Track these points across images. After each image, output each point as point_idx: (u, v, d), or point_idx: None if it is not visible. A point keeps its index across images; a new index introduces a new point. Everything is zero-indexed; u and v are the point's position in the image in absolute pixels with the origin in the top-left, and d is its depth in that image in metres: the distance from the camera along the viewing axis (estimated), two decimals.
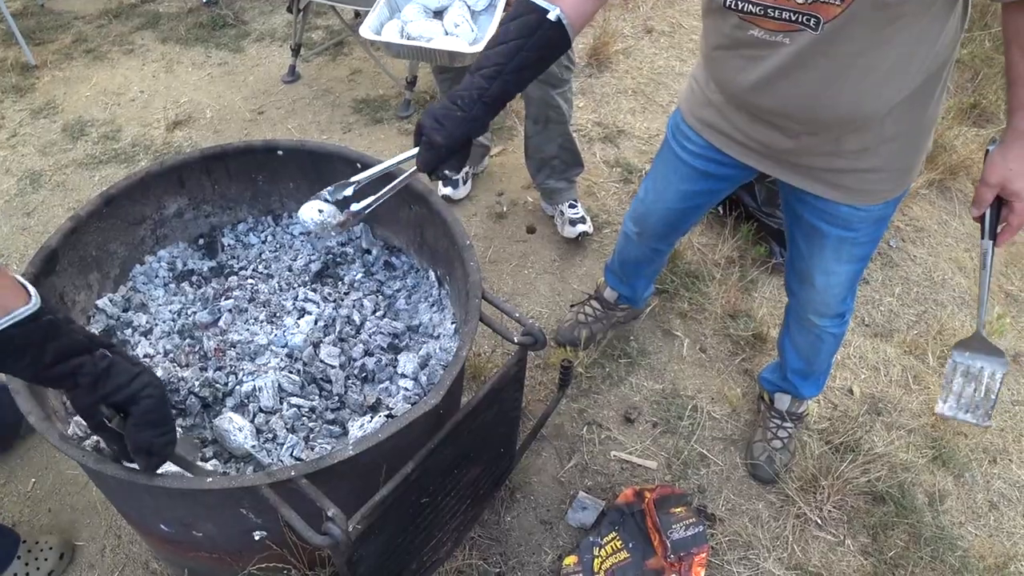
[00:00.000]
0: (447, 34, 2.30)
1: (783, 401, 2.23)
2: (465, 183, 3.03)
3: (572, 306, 2.59)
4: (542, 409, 2.09)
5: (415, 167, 1.40)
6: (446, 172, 1.38)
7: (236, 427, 1.55)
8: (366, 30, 2.10)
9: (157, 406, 1.21)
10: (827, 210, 1.71)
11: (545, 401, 2.31)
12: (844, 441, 2.26)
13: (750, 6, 1.44)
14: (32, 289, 1.11)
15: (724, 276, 2.73)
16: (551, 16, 1.34)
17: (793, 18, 1.40)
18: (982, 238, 1.47)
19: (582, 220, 2.81)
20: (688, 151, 1.87)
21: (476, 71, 1.35)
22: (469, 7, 2.32)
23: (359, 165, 1.91)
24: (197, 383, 1.64)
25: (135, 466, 1.41)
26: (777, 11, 1.41)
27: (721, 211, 2.93)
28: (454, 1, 2.20)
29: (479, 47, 1.98)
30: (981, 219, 1.47)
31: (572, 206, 2.84)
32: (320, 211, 1.41)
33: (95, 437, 1.52)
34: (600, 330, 2.49)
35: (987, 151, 1.45)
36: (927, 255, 2.99)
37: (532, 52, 1.36)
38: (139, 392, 1.19)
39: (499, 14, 2.03)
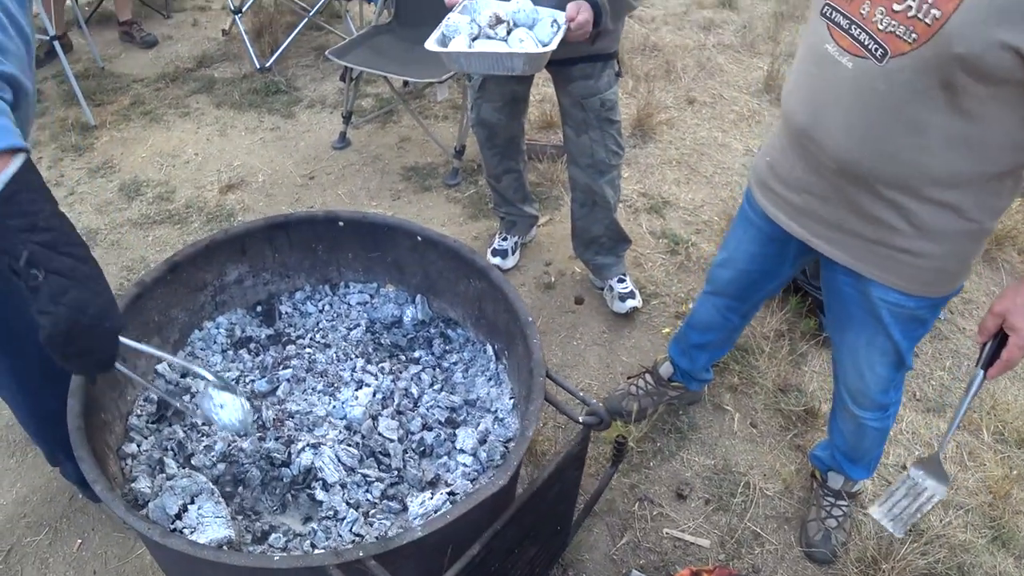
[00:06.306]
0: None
1: (836, 480, 2.19)
2: (513, 253, 3.05)
3: (629, 378, 2.58)
4: (593, 484, 2.06)
5: None
6: None
7: (217, 404, 1.47)
8: (431, 43, 2.09)
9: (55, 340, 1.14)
10: (857, 292, 1.71)
11: (596, 476, 2.28)
12: None
13: (840, 16, 1.45)
14: None
15: (773, 350, 2.71)
16: None
17: (866, 42, 1.40)
18: (976, 365, 1.52)
19: (631, 295, 2.82)
20: (756, 212, 1.89)
21: None
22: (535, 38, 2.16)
23: (419, 239, 1.94)
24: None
25: (201, 539, 1.41)
26: (857, 29, 1.41)
27: None
28: (515, 27, 2.17)
29: (552, 47, 1.99)
30: (982, 347, 1.51)
31: (621, 280, 2.85)
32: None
33: (154, 505, 1.53)
34: (650, 405, 2.47)
35: None
36: (976, 328, 2.94)
37: None
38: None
39: (562, 32, 2.05)
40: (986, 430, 2.53)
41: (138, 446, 1.70)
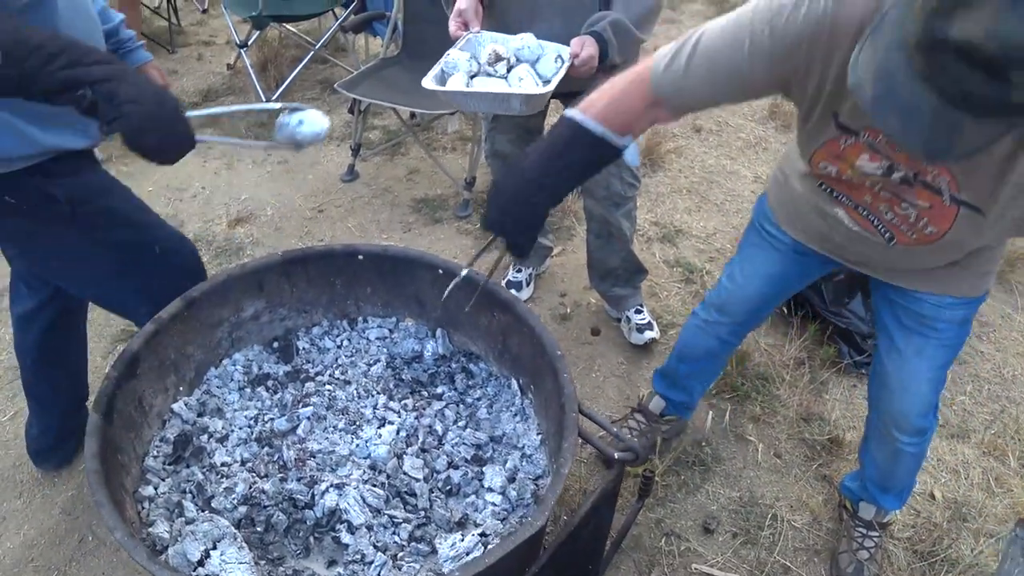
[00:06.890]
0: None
1: (868, 510, 2.15)
2: (528, 285, 3.02)
3: (614, 422, 2.46)
4: (619, 520, 2.01)
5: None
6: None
7: (295, 122, 1.57)
8: (429, 81, 2.05)
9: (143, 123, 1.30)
10: (910, 307, 1.73)
11: (621, 511, 2.22)
12: (931, 550, 2.18)
13: (844, 197, 1.54)
14: None
15: (794, 378, 2.67)
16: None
17: (876, 223, 1.52)
18: None
19: (649, 326, 2.79)
20: (773, 236, 1.89)
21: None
22: (536, 73, 2.10)
23: (440, 272, 1.91)
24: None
25: None
26: (864, 211, 1.52)
27: (786, 311, 2.90)
28: (516, 64, 2.09)
29: (551, 87, 1.95)
30: None
31: (638, 311, 2.82)
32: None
33: (174, 551, 1.48)
34: (645, 445, 2.40)
35: None
36: (995, 350, 2.92)
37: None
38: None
39: (565, 68, 2.01)
40: (1012, 455, 2.50)
41: (155, 488, 1.65)
